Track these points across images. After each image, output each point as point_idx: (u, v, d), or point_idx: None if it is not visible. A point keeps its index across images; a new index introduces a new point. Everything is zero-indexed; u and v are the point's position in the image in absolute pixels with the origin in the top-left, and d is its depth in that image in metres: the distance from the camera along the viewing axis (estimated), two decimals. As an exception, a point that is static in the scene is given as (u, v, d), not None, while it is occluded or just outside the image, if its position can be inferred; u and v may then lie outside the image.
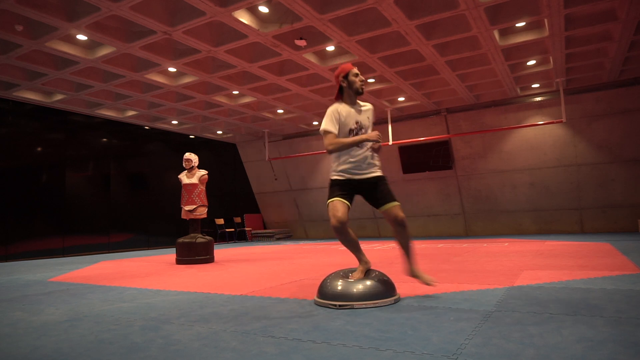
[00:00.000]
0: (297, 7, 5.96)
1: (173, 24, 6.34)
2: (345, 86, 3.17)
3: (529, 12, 6.54)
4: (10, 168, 9.36)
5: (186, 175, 7.20)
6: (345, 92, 3.19)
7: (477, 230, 12.44)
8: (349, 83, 3.15)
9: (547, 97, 10.65)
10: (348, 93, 3.18)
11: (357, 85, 3.15)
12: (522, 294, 3.23)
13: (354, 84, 3.15)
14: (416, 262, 3.34)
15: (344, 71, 3.17)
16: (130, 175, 12.04)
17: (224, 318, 2.78)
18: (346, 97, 3.20)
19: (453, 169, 12.17)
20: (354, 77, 3.15)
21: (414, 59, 8.17)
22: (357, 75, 3.17)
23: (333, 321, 2.58)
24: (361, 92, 3.18)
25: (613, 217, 10.70)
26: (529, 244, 8.02)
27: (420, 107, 11.58)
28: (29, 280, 5.27)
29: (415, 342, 2.10)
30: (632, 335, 2.09)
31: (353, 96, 3.18)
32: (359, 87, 3.16)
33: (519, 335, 2.15)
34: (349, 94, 3.18)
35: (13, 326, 2.77)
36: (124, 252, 11.00)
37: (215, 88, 9.49)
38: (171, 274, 5.54)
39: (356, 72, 3.17)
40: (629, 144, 10.23)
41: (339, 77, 3.18)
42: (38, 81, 8.42)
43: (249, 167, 15.67)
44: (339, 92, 3.22)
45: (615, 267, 4.48)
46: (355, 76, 3.16)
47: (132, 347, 2.21)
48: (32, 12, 5.77)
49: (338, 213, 3.00)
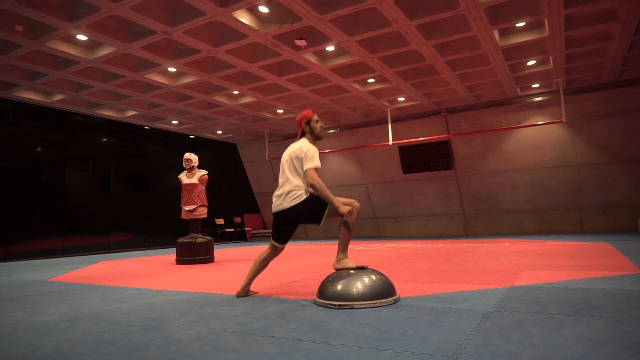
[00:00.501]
0: (297, 7, 5.96)
1: (173, 24, 6.34)
2: (307, 131, 3.45)
3: (529, 12, 6.54)
4: (10, 168, 9.36)
5: (186, 175, 7.20)
6: (306, 135, 3.47)
7: (477, 230, 12.44)
8: (310, 129, 3.44)
9: (547, 97, 10.65)
10: (309, 137, 3.45)
11: (318, 131, 3.45)
12: (522, 294, 3.23)
13: (315, 129, 3.44)
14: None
15: (306, 117, 3.44)
16: (130, 175, 12.04)
17: (224, 318, 2.79)
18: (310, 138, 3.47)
19: (453, 169, 12.17)
20: (315, 124, 3.44)
21: (414, 59, 8.17)
22: (317, 121, 3.45)
23: (333, 321, 2.58)
24: (321, 137, 3.48)
25: (613, 217, 10.69)
26: (529, 244, 8.02)
27: (420, 107, 11.58)
28: (29, 280, 5.27)
29: (415, 342, 2.10)
30: (632, 335, 2.09)
31: (313, 140, 3.46)
32: (318, 133, 3.46)
33: (519, 335, 2.15)
34: (310, 139, 3.45)
35: (13, 326, 2.77)
36: (124, 252, 11.00)
37: (215, 88, 9.49)
38: (171, 274, 5.54)
39: (317, 119, 3.46)
40: (629, 144, 10.23)
41: (302, 123, 3.45)
42: (38, 81, 8.42)
43: (249, 167, 15.67)
44: (301, 135, 3.49)
45: (615, 267, 4.48)
46: (316, 122, 3.44)
47: (132, 347, 2.21)
48: (32, 12, 5.77)
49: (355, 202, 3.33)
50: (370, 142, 12.88)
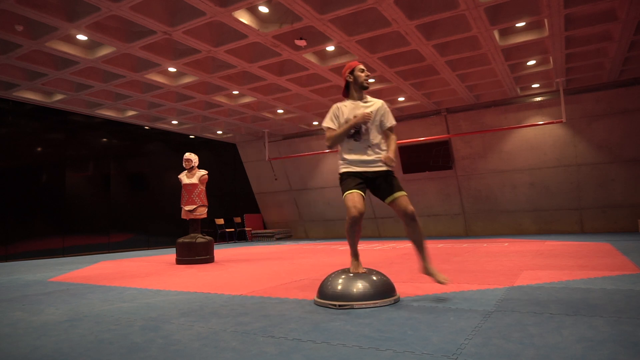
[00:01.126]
0: (297, 7, 5.96)
1: (173, 24, 6.34)
2: (351, 81, 3.27)
3: (529, 12, 6.54)
4: (10, 168, 9.36)
5: (186, 175, 7.20)
6: (351, 87, 3.28)
7: (477, 230, 12.44)
8: (354, 78, 3.25)
9: (547, 97, 10.65)
10: (354, 88, 3.27)
11: (362, 79, 3.24)
12: (522, 294, 3.22)
13: (358, 78, 3.24)
14: (430, 259, 3.27)
15: (350, 67, 3.28)
16: (130, 175, 12.04)
17: (224, 318, 2.78)
18: (352, 93, 3.29)
19: (453, 169, 12.17)
20: (360, 73, 3.25)
21: (414, 59, 8.17)
22: (362, 70, 3.26)
23: (333, 321, 2.58)
24: (365, 86, 3.25)
25: (613, 217, 10.69)
26: (529, 244, 8.02)
27: (420, 107, 11.58)
28: (29, 280, 5.27)
29: (415, 342, 2.10)
30: (632, 335, 2.09)
31: (359, 91, 3.27)
32: (362, 82, 3.24)
33: (519, 335, 2.15)
34: (355, 89, 3.27)
35: (13, 326, 2.77)
36: (124, 252, 11.00)
37: (215, 88, 9.49)
38: (171, 274, 5.54)
39: (362, 68, 3.27)
40: (629, 144, 10.23)
41: (346, 73, 3.28)
42: (38, 81, 8.42)
43: (249, 167, 15.67)
44: (345, 88, 3.32)
45: (615, 267, 4.48)
46: (361, 72, 3.25)
47: (132, 347, 2.21)
48: (32, 12, 5.77)
49: (358, 204, 3.04)
50: (370, 142, 12.85)
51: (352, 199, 3.06)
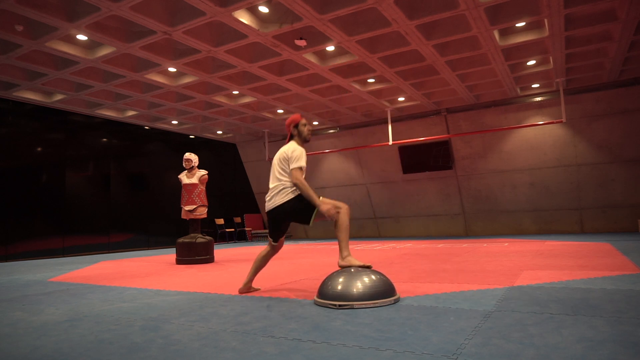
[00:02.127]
0: (297, 7, 5.96)
1: (173, 24, 6.34)
2: (295, 134, 3.60)
3: (529, 12, 6.54)
4: (10, 168, 9.36)
5: (186, 175, 7.20)
6: (294, 138, 3.61)
7: (477, 230, 12.44)
8: (298, 132, 3.59)
9: (547, 97, 10.65)
10: (297, 140, 3.60)
11: (305, 134, 3.59)
12: (522, 294, 3.23)
13: (302, 132, 3.59)
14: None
15: (294, 121, 3.60)
16: (130, 175, 12.04)
17: (224, 318, 2.79)
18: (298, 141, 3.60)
19: (453, 169, 12.17)
20: (303, 127, 3.59)
21: (414, 59, 8.17)
22: (305, 125, 3.60)
23: (333, 321, 2.58)
24: (308, 140, 3.61)
25: (613, 217, 10.69)
26: (529, 244, 8.02)
27: (420, 107, 11.58)
28: (29, 280, 5.27)
29: (415, 342, 2.10)
30: (632, 335, 2.09)
31: (301, 143, 3.59)
32: (306, 136, 3.60)
33: (519, 335, 2.15)
34: (297, 141, 3.59)
35: (13, 326, 2.77)
36: (124, 252, 10.99)
37: (215, 88, 9.49)
38: (171, 274, 5.54)
39: (305, 123, 3.61)
40: (629, 144, 10.23)
41: (290, 126, 3.61)
42: (38, 81, 8.42)
43: (249, 167, 15.67)
44: (290, 138, 3.63)
45: (615, 267, 4.48)
46: (303, 126, 3.59)
47: (132, 347, 2.21)
48: (32, 12, 5.77)
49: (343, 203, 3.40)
50: (370, 142, 12.88)
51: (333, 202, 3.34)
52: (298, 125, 3.58)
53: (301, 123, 3.58)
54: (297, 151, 3.43)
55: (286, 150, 3.50)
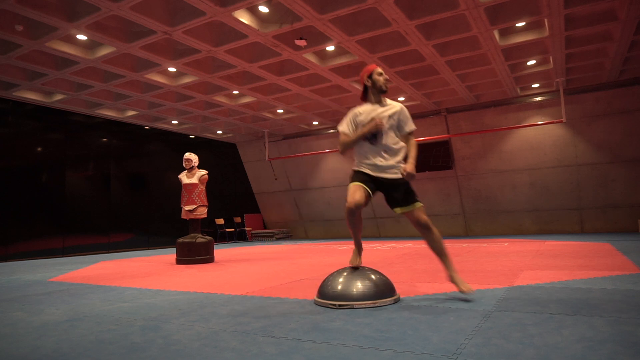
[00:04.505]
0: (297, 7, 5.96)
1: (173, 24, 6.34)
2: (369, 85, 3.23)
3: (529, 12, 6.54)
4: (10, 168, 9.36)
5: (186, 175, 7.20)
6: (369, 91, 3.25)
7: (477, 230, 12.44)
8: (372, 82, 3.21)
9: (547, 97, 10.65)
10: (372, 92, 3.23)
11: (380, 83, 3.20)
12: (522, 294, 3.22)
13: (377, 82, 3.20)
14: (454, 266, 3.21)
15: (368, 71, 3.24)
16: (130, 175, 12.04)
17: (224, 318, 2.79)
18: (371, 97, 3.26)
19: (453, 169, 12.17)
20: (378, 76, 3.21)
21: (414, 59, 8.17)
22: (380, 74, 3.23)
23: (333, 321, 2.58)
24: (385, 89, 3.21)
25: (613, 217, 10.69)
26: (529, 244, 8.02)
27: (420, 107, 11.58)
28: (29, 280, 5.27)
29: (415, 342, 2.10)
30: (632, 335, 2.09)
31: (377, 95, 3.23)
32: (382, 85, 3.20)
33: (519, 335, 2.15)
34: (373, 92, 3.23)
35: (13, 326, 2.77)
36: (124, 252, 10.99)
37: (215, 88, 9.49)
38: (171, 274, 5.54)
39: (380, 71, 3.24)
40: (629, 144, 10.23)
41: (364, 77, 3.25)
42: (38, 81, 8.42)
43: (249, 167, 15.67)
44: (363, 92, 3.30)
45: (615, 267, 4.48)
46: (379, 75, 3.22)
47: (132, 347, 2.21)
48: (32, 12, 5.77)
49: (356, 196, 3.01)
50: (370, 142, 12.85)
51: (352, 190, 3.06)
52: (372, 74, 3.22)
53: (376, 72, 3.22)
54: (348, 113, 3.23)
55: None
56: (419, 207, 3.12)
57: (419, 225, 3.12)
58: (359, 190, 3.05)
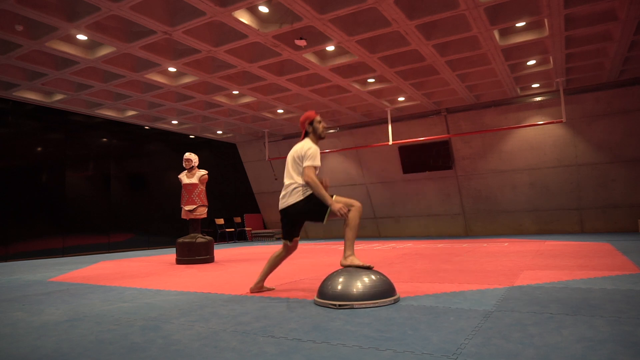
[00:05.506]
0: (297, 7, 5.96)
1: (173, 24, 6.34)
2: (310, 131, 3.55)
3: (529, 12, 6.54)
4: (10, 168, 9.36)
5: (186, 175, 7.20)
6: (309, 135, 3.57)
7: (477, 230, 12.44)
8: (313, 129, 3.55)
9: (547, 97, 10.65)
10: (312, 137, 3.56)
11: (320, 131, 3.55)
12: (522, 294, 3.23)
13: (317, 129, 3.54)
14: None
15: (309, 118, 3.55)
16: (130, 175, 12.04)
17: (224, 318, 2.79)
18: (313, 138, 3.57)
19: (453, 169, 12.17)
20: (318, 124, 3.54)
21: (414, 59, 8.17)
22: (320, 122, 3.55)
23: (333, 321, 2.58)
24: (323, 137, 3.58)
25: (613, 217, 10.69)
26: (529, 244, 8.02)
27: (420, 107, 11.58)
28: (29, 280, 5.27)
29: (415, 342, 2.10)
30: (632, 335, 2.09)
31: (315, 140, 3.57)
32: (321, 133, 3.56)
33: (519, 335, 2.15)
34: (312, 138, 3.56)
35: (13, 326, 2.77)
36: (124, 252, 10.99)
37: (215, 88, 9.49)
38: (171, 274, 5.54)
39: (319, 120, 3.56)
40: (629, 144, 10.23)
41: (305, 123, 3.55)
42: (38, 81, 8.42)
43: (249, 167, 15.67)
44: (304, 135, 3.59)
45: (615, 267, 4.48)
46: (318, 123, 3.55)
47: (132, 347, 2.21)
48: (32, 12, 5.77)
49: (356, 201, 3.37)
50: (370, 142, 12.88)
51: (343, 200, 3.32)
52: (313, 122, 3.53)
53: (316, 120, 3.53)
54: (311, 149, 3.40)
55: (301, 147, 3.46)
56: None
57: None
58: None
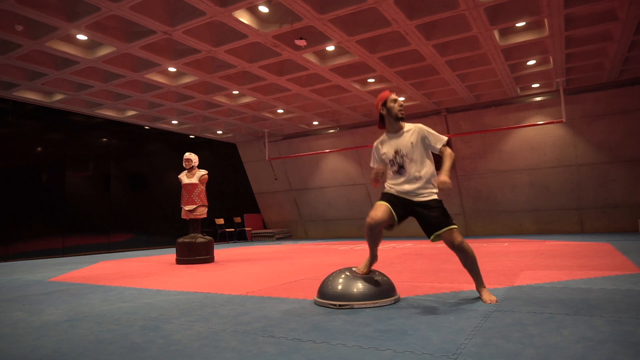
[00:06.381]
0: (297, 7, 5.96)
1: (173, 24, 6.34)
2: (385, 114, 3.19)
3: (529, 12, 6.54)
4: (10, 168, 9.36)
5: (186, 175, 7.20)
6: (386, 119, 3.21)
7: (477, 230, 12.44)
8: (387, 110, 3.16)
9: (547, 97, 10.65)
10: (388, 120, 3.19)
11: (395, 110, 3.15)
12: (522, 294, 3.23)
13: (392, 110, 3.15)
14: (482, 282, 3.12)
15: (382, 99, 3.19)
16: (130, 175, 12.03)
17: (224, 318, 2.79)
18: (388, 125, 3.23)
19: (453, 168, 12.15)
20: (392, 104, 3.16)
21: (414, 59, 8.17)
22: (395, 101, 3.17)
23: (333, 321, 2.58)
24: (400, 117, 3.16)
25: (613, 217, 10.69)
26: (529, 244, 8.02)
27: (420, 107, 11.58)
28: (29, 280, 5.27)
29: (415, 342, 2.10)
30: (632, 335, 2.09)
31: (394, 122, 3.18)
32: (397, 113, 3.15)
33: (518, 335, 2.15)
34: (389, 120, 3.19)
35: (13, 326, 2.77)
36: (124, 252, 10.99)
37: (215, 88, 9.49)
38: (171, 274, 5.54)
39: (394, 98, 3.18)
40: (629, 144, 10.23)
41: (379, 106, 3.20)
42: (38, 81, 8.42)
43: (249, 167, 15.67)
44: (380, 120, 3.25)
45: (615, 267, 4.48)
46: (393, 102, 3.16)
47: (132, 347, 2.21)
48: (32, 12, 5.77)
49: (378, 213, 3.03)
50: (370, 142, 12.83)
51: (375, 207, 3.09)
52: (386, 102, 3.16)
53: (390, 99, 3.15)
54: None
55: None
56: (449, 230, 2.99)
57: (453, 247, 3.00)
58: (381, 208, 3.06)
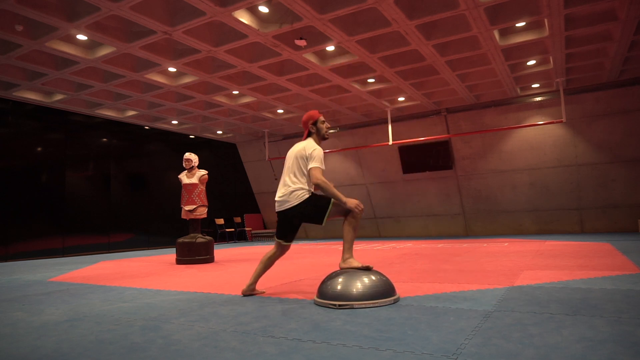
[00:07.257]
0: (297, 7, 5.96)
1: (173, 24, 6.34)
2: (313, 131, 3.49)
3: (529, 12, 6.54)
4: (10, 168, 9.36)
5: (186, 175, 7.20)
6: (312, 136, 3.50)
7: (477, 230, 12.44)
8: (317, 129, 3.49)
9: (547, 97, 10.65)
10: (314, 138, 3.49)
11: (324, 132, 3.50)
12: (522, 294, 3.23)
13: (321, 130, 3.49)
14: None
15: (312, 118, 3.48)
16: (130, 175, 12.04)
17: (224, 318, 2.79)
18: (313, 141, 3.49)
19: (453, 169, 12.17)
20: (321, 125, 3.49)
21: (414, 59, 8.17)
22: (324, 122, 3.50)
23: (333, 321, 2.58)
24: (327, 137, 3.51)
25: (613, 217, 10.69)
26: (529, 244, 8.02)
27: (420, 107, 11.58)
28: (29, 280, 5.27)
29: (415, 342, 2.10)
30: (632, 335, 2.09)
31: (318, 140, 3.50)
32: (324, 134, 3.50)
33: (518, 335, 2.15)
34: (315, 138, 3.49)
35: (13, 326, 2.77)
36: (124, 252, 10.99)
37: (215, 88, 9.49)
38: (171, 274, 5.54)
39: (323, 120, 3.51)
40: (629, 144, 10.23)
41: (308, 123, 3.49)
42: (38, 81, 8.42)
43: (249, 167, 15.67)
44: (307, 135, 3.52)
45: (615, 267, 4.48)
46: (322, 123, 3.49)
47: (132, 347, 2.21)
48: (32, 12, 5.77)
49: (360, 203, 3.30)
50: (370, 142, 12.88)
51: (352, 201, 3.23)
52: (317, 122, 3.46)
53: (320, 120, 3.46)
54: (316, 150, 3.32)
55: (303, 148, 3.36)
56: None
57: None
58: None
